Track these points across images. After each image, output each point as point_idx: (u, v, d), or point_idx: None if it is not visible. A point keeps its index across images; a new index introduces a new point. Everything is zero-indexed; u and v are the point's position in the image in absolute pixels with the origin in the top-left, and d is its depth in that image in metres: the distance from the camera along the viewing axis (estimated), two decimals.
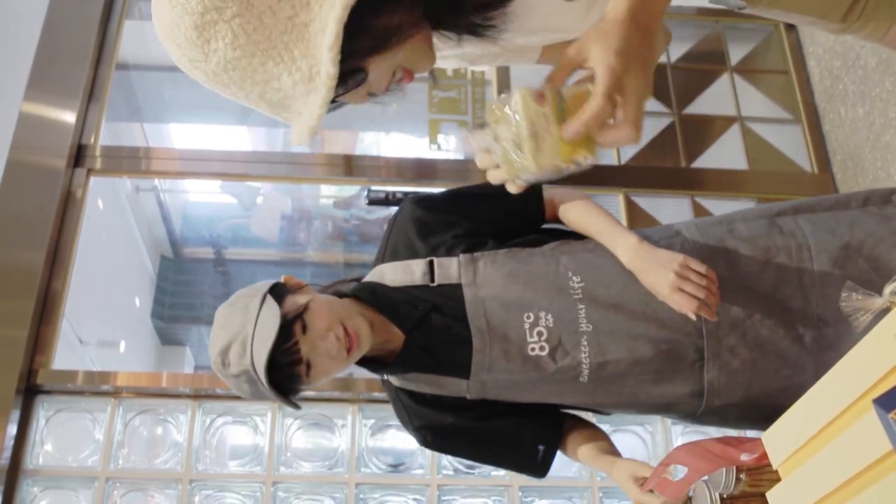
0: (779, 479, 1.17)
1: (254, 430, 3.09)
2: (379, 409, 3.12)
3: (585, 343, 1.61)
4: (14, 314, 3.08)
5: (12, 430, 2.95)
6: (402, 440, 3.13)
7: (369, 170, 3.62)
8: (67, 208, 3.35)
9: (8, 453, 2.94)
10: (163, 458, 3.05)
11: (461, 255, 1.68)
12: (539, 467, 1.82)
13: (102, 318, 5.03)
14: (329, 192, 5.28)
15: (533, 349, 1.62)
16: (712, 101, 3.96)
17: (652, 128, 3.83)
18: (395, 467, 3.08)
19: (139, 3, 4.07)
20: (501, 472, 3.05)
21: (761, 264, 1.64)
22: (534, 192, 1.76)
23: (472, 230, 1.73)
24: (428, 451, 3.04)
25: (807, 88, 3.94)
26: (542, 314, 1.63)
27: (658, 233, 1.73)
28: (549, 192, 1.77)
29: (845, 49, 3.62)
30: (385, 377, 1.77)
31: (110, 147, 3.56)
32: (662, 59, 4.01)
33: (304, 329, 1.58)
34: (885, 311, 1.12)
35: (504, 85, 3.82)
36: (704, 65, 4.06)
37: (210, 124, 5.00)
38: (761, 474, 1.42)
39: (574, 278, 1.64)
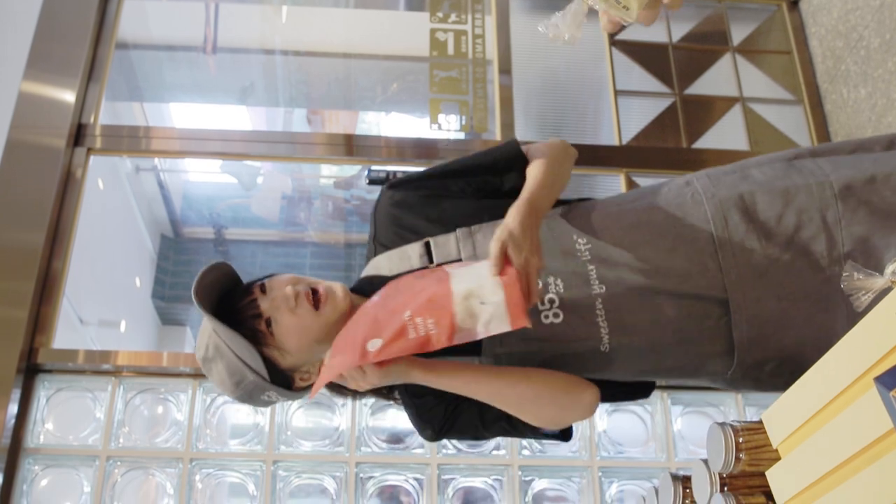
0: (778, 458, 1.17)
1: (254, 409, 3.09)
2: None
3: (601, 307, 1.52)
4: (14, 294, 3.09)
5: (13, 409, 2.96)
6: (403, 420, 3.13)
7: (370, 150, 3.61)
8: (67, 188, 3.34)
9: (9, 432, 2.94)
10: (163, 436, 3.06)
11: (458, 230, 1.60)
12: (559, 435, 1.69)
13: (103, 298, 5.03)
14: (330, 172, 5.27)
15: (546, 317, 1.53)
16: (714, 81, 3.94)
17: (653, 108, 3.82)
18: (396, 446, 3.09)
19: None
20: (502, 451, 3.06)
21: (780, 207, 1.54)
22: (517, 154, 1.68)
23: (463, 203, 1.66)
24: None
25: (809, 69, 3.92)
26: (551, 279, 1.53)
27: (667, 185, 1.66)
28: (526, 150, 1.69)
29: (848, 29, 3.61)
30: None
31: (110, 126, 3.56)
32: (664, 38, 4.00)
33: (265, 290, 1.57)
34: (887, 290, 1.12)
35: (505, 65, 3.80)
36: (706, 45, 4.04)
37: (210, 104, 4.98)
38: (761, 453, 1.42)
39: (580, 240, 1.56)
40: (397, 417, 3.14)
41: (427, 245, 1.62)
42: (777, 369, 1.56)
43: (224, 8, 4.35)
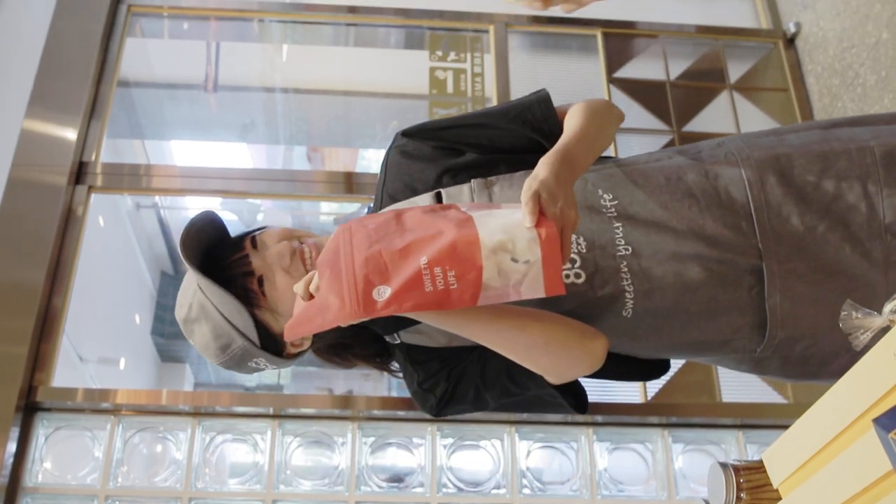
0: (779, 498, 1.17)
1: (254, 447, 3.08)
2: (379, 426, 3.11)
3: (626, 269, 1.41)
4: (14, 331, 3.08)
5: (12, 447, 2.94)
6: (403, 458, 3.12)
7: (369, 187, 3.62)
8: (68, 225, 3.35)
9: (7, 471, 2.93)
10: (162, 475, 3.05)
11: (473, 181, 1.47)
12: (574, 394, 1.51)
13: (102, 335, 5.03)
14: (329, 210, 5.29)
15: (567, 276, 1.41)
16: (712, 118, 3.97)
17: (651, 145, 3.84)
18: (396, 485, 3.07)
19: (141, 21, 4.08)
20: (502, 490, 3.04)
21: (818, 172, 1.43)
22: (548, 112, 1.54)
23: (480, 154, 1.52)
24: (428, 469, 3.03)
25: (806, 106, 3.95)
26: (573, 238, 1.41)
27: (697, 146, 1.57)
28: (564, 107, 1.55)
29: (844, 67, 3.63)
30: (398, 340, 1.54)
31: (111, 164, 3.57)
32: (662, 76, 4.03)
33: (256, 245, 1.46)
34: (885, 329, 1.12)
35: (504, 100, 3.82)
36: (704, 82, 4.07)
37: (210, 141, 5.01)
38: (762, 493, 1.42)
39: (605, 196, 1.45)
40: (397, 456, 3.12)
41: (438, 196, 1.49)
42: (808, 350, 1.47)
43: (225, 47, 4.39)
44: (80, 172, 3.47)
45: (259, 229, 1.51)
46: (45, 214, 3.30)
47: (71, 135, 3.49)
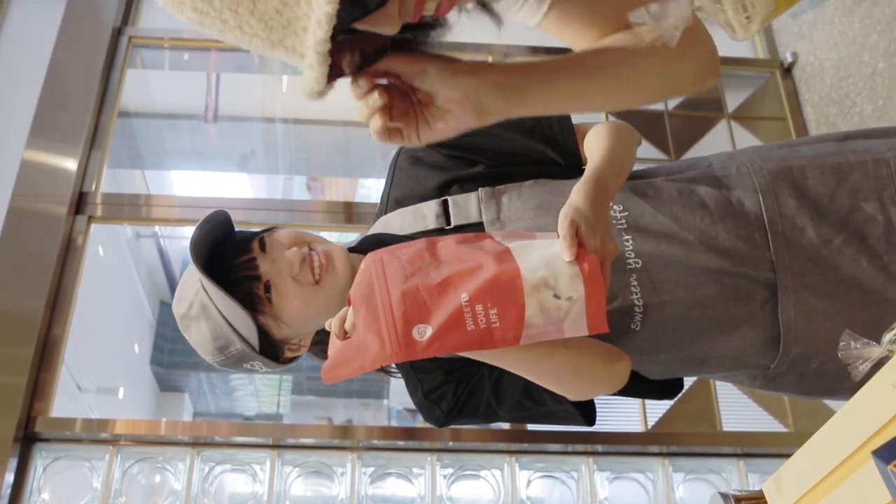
0: None
1: (252, 477, 3.07)
2: (378, 456, 3.10)
3: (635, 282, 1.37)
4: (14, 360, 3.08)
5: (10, 478, 2.93)
6: (402, 488, 3.11)
7: (369, 217, 3.63)
8: (68, 255, 3.35)
9: (5, 502, 2.91)
10: None
11: (481, 190, 1.44)
12: (584, 407, 1.47)
13: (101, 365, 5.02)
14: (329, 239, 5.29)
15: None
16: (710, 147, 3.98)
17: None
18: None
19: (141, 52, 4.11)
20: None
21: (833, 184, 1.41)
22: (566, 123, 1.50)
23: (490, 164, 1.49)
24: (428, 499, 3.02)
25: (803, 135, 3.96)
26: None
27: (709, 158, 1.54)
28: (583, 126, 1.51)
29: (841, 96, 3.65)
30: None
31: (111, 194, 3.58)
32: (660, 106, 4.05)
33: (264, 247, 1.44)
34: (884, 360, 1.12)
35: None
36: (702, 112, 4.09)
37: (210, 171, 5.02)
38: None
39: (615, 206, 1.41)
40: (397, 486, 3.11)
41: (445, 204, 1.46)
42: (824, 366, 1.43)
43: (225, 78, 4.41)
44: (80, 202, 3.48)
45: (267, 230, 1.49)
46: (45, 244, 3.30)
47: (71, 165, 3.50)
